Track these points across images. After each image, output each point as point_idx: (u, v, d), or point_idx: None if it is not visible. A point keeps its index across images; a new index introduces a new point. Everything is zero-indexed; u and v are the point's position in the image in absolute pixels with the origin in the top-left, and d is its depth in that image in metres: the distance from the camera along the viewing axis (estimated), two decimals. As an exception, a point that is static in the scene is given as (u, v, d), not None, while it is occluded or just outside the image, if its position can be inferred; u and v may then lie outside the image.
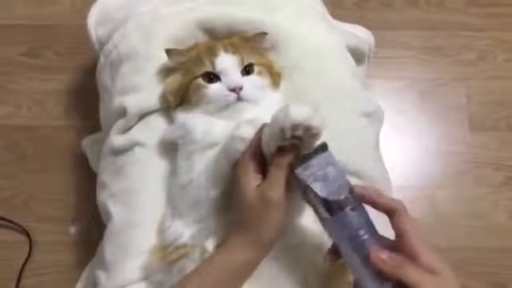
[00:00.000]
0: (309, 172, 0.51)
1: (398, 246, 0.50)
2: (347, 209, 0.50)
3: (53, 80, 1.06)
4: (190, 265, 0.60)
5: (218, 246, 0.60)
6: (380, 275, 0.48)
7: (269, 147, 0.53)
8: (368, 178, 0.73)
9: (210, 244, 0.60)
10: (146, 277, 0.67)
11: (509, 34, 1.12)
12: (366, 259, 0.49)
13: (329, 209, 0.50)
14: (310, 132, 0.50)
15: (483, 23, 1.13)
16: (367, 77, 0.97)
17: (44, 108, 1.04)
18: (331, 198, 0.50)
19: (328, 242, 0.56)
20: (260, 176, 0.55)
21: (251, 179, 0.54)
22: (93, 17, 0.83)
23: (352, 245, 0.50)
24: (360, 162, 0.74)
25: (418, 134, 1.05)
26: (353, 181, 0.71)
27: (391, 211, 0.51)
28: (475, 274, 0.93)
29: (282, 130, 0.50)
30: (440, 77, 1.09)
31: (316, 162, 0.51)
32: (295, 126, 0.49)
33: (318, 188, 0.50)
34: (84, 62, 1.06)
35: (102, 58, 0.81)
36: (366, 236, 0.50)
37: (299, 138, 0.52)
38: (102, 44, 0.82)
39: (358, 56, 0.88)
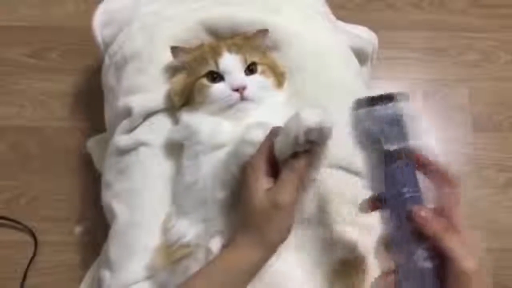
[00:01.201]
0: (371, 116, 0.49)
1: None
2: (400, 162, 0.48)
3: (57, 81, 1.06)
4: (194, 265, 0.60)
5: (223, 247, 0.60)
6: (416, 235, 0.47)
7: (282, 153, 0.53)
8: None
9: (215, 245, 0.60)
10: (150, 277, 0.67)
11: (512, 35, 1.12)
12: (406, 216, 0.47)
13: (382, 157, 0.48)
14: (322, 134, 0.51)
15: (486, 24, 1.13)
16: (370, 78, 0.97)
17: (49, 109, 1.04)
18: (387, 146, 0.48)
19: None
20: (270, 179, 0.55)
21: (262, 183, 0.54)
22: (98, 19, 0.84)
23: (396, 199, 0.48)
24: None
25: (421, 135, 1.04)
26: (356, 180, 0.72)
27: (446, 181, 0.49)
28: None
29: (297, 137, 0.50)
30: (442, 78, 1.09)
31: (380, 108, 0.49)
32: (308, 132, 0.49)
33: (377, 133, 0.48)
34: (88, 63, 1.06)
35: (107, 59, 0.82)
36: (412, 195, 0.48)
37: (312, 142, 0.51)
38: (107, 45, 0.82)
39: (361, 56, 0.89)
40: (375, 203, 0.51)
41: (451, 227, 0.47)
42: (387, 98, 0.49)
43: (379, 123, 0.48)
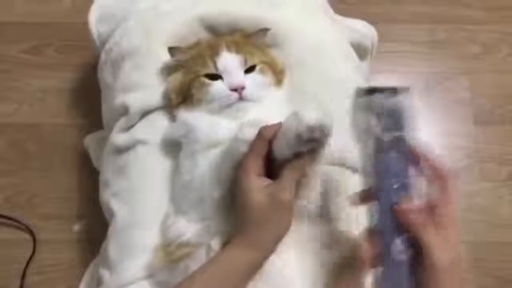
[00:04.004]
0: (370, 105, 0.50)
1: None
2: (394, 152, 0.49)
3: (54, 77, 1.06)
4: (194, 264, 0.59)
5: (223, 246, 0.59)
6: (398, 225, 0.48)
7: (282, 153, 0.53)
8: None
9: (216, 243, 0.60)
10: (149, 276, 0.67)
11: (514, 27, 1.11)
12: (392, 206, 0.49)
13: (376, 146, 0.49)
14: (324, 132, 0.50)
15: (488, 16, 1.12)
16: (370, 71, 0.96)
17: (46, 105, 1.04)
18: (382, 135, 0.49)
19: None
20: (263, 178, 0.55)
21: (256, 182, 0.54)
22: (94, 14, 0.83)
23: (385, 188, 0.49)
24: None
25: (422, 128, 1.04)
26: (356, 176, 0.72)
27: (439, 175, 0.50)
28: (479, 269, 0.93)
29: (299, 135, 0.50)
30: (444, 71, 1.08)
31: (380, 98, 0.50)
32: (310, 128, 0.49)
33: (373, 122, 0.49)
34: (85, 59, 1.06)
35: (103, 56, 0.81)
36: (400, 185, 0.49)
37: (314, 141, 0.51)
38: (103, 41, 0.82)
39: (361, 51, 0.88)
40: (365, 195, 0.52)
41: (433, 223, 0.48)
42: (388, 89, 0.50)
43: (377, 113, 0.49)
